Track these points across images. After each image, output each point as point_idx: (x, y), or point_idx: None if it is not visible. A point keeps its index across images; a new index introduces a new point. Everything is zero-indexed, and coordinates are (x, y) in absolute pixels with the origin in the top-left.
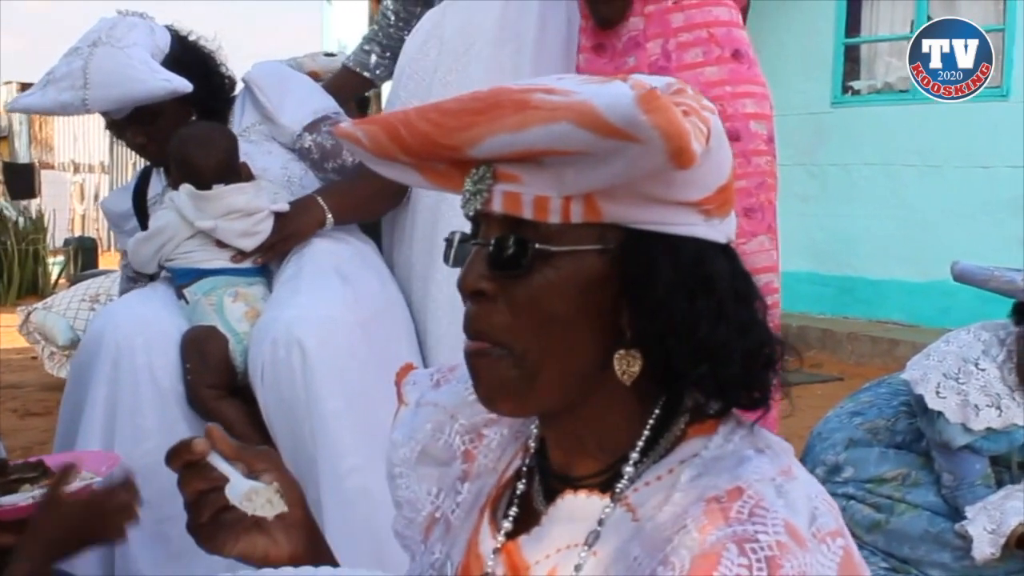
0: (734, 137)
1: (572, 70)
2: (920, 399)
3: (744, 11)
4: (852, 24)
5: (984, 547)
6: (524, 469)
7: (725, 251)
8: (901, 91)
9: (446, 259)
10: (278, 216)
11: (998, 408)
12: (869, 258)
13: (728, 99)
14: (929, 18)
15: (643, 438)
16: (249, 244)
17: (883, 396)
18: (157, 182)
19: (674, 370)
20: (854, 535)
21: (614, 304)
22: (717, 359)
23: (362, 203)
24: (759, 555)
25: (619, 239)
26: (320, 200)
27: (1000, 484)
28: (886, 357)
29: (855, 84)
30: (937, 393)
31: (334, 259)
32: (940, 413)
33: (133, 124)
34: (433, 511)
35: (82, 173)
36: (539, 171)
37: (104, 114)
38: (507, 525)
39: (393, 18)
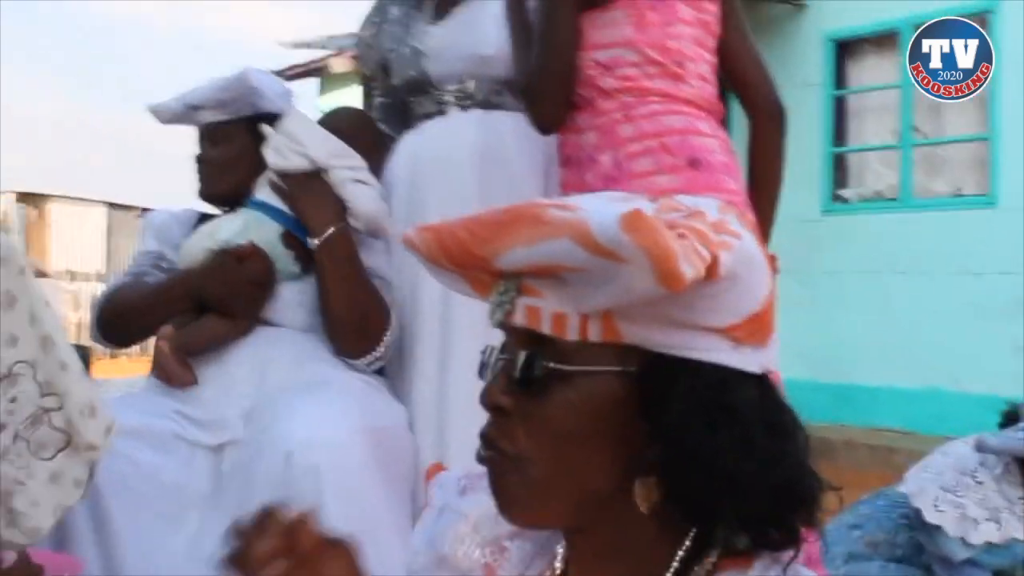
0: None
1: (553, 186)
2: (918, 512)
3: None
4: (839, 133)
5: None
6: None
7: (759, 381)
8: (890, 199)
9: (480, 373)
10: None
11: (997, 522)
12: (863, 365)
13: None
14: (915, 129)
15: (672, 570)
16: (271, 159)
17: (881, 509)
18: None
19: (695, 502)
20: None
21: (634, 429)
22: (739, 493)
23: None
24: None
25: (640, 362)
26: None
27: None
28: (883, 465)
29: (844, 193)
30: (935, 507)
31: (341, 375)
32: (939, 527)
33: (206, 137)
34: None
35: (77, 281)
36: (559, 287)
37: (195, 111)
38: None
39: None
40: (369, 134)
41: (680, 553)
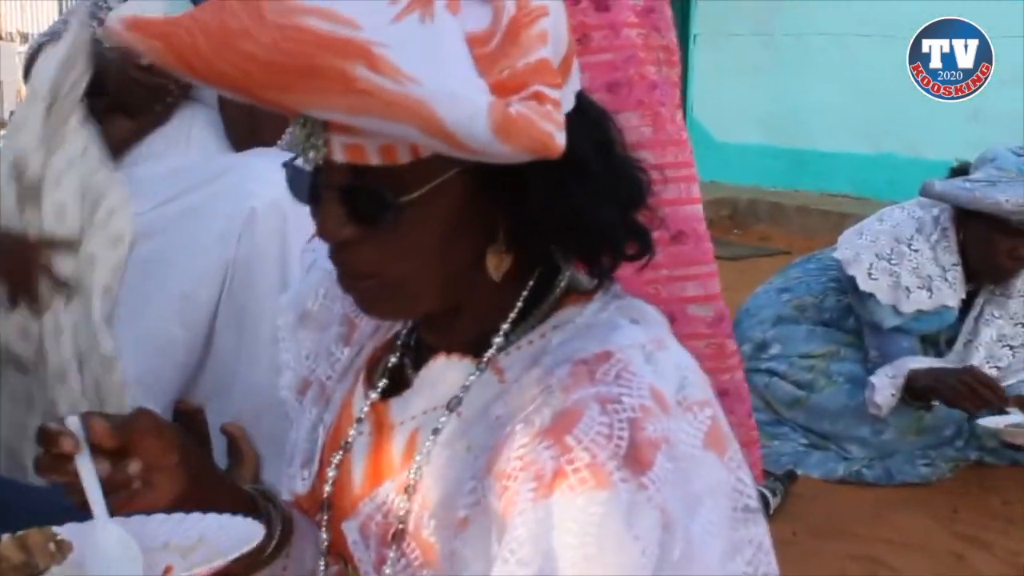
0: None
1: None
2: (852, 280)
3: None
4: None
5: (885, 391)
6: (400, 338)
7: (578, 112)
8: None
9: (290, 184)
10: None
11: (929, 290)
12: (821, 130)
13: None
14: None
15: (516, 309)
16: None
17: (812, 272)
18: None
19: (547, 250)
20: (775, 411)
21: (482, 207)
22: (581, 229)
23: None
24: (621, 416)
25: None
26: None
27: None
28: (835, 231)
29: None
30: (869, 275)
31: None
32: (871, 295)
33: None
34: (307, 374)
35: (30, 43)
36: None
37: None
38: (380, 386)
39: None
40: None
41: (524, 294)
